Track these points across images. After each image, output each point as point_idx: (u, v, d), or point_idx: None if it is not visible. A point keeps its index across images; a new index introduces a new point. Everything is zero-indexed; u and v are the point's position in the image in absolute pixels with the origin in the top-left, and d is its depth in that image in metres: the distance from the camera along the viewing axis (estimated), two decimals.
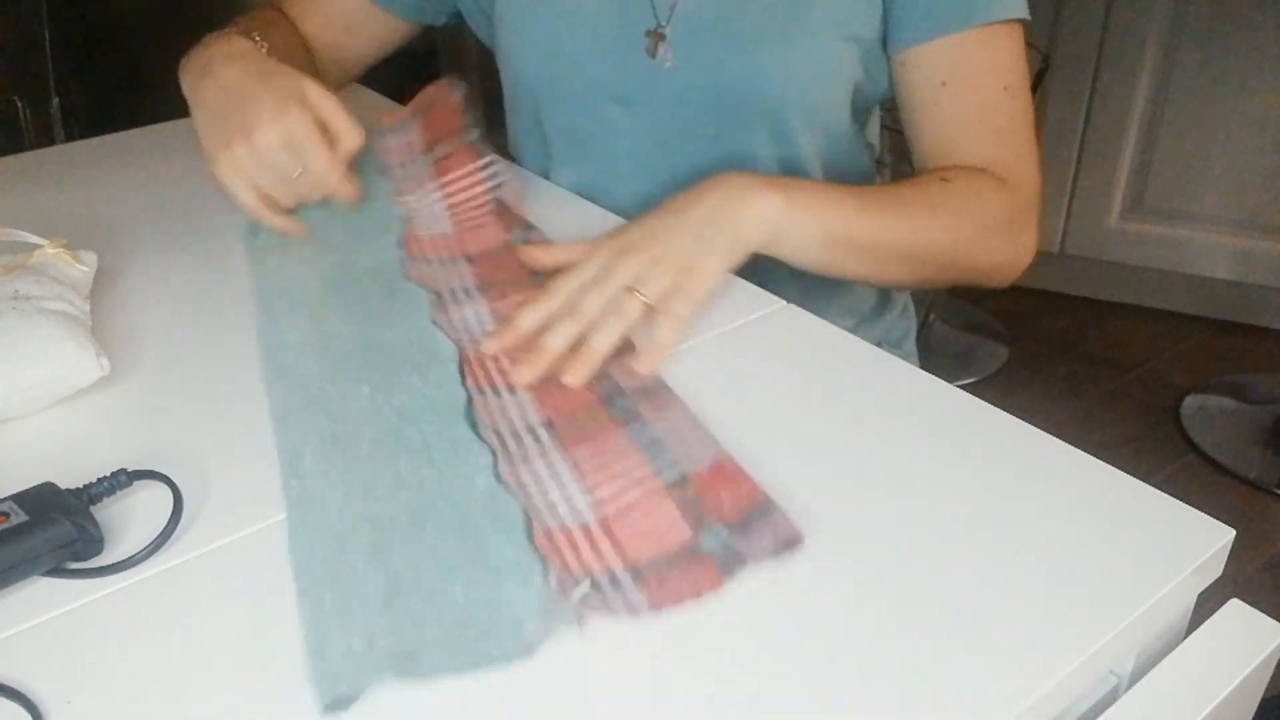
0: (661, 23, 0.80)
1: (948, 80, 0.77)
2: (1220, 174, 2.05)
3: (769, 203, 0.68)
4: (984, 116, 0.77)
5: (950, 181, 0.75)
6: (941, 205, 0.74)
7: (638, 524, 0.50)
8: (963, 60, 0.76)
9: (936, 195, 0.74)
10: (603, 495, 0.51)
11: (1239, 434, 1.89)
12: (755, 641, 0.44)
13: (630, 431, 0.56)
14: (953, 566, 0.47)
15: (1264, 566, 1.62)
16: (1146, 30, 1.99)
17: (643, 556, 0.48)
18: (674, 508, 0.50)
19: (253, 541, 0.50)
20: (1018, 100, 0.78)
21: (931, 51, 0.76)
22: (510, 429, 0.57)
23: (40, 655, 0.44)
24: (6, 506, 0.48)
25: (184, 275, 0.76)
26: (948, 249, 0.75)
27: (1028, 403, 1.99)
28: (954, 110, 0.78)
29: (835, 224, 0.70)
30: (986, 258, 0.77)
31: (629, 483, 0.52)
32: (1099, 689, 0.49)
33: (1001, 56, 0.77)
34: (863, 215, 0.71)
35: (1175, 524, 0.50)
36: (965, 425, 0.57)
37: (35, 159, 1.00)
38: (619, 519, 0.50)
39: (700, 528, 0.49)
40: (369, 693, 0.42)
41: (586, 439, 0.56)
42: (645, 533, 0.49)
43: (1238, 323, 2.19)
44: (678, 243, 0.66)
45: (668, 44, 0.80)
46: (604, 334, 0.61)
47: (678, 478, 0.52)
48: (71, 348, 0.60)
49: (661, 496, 0.51)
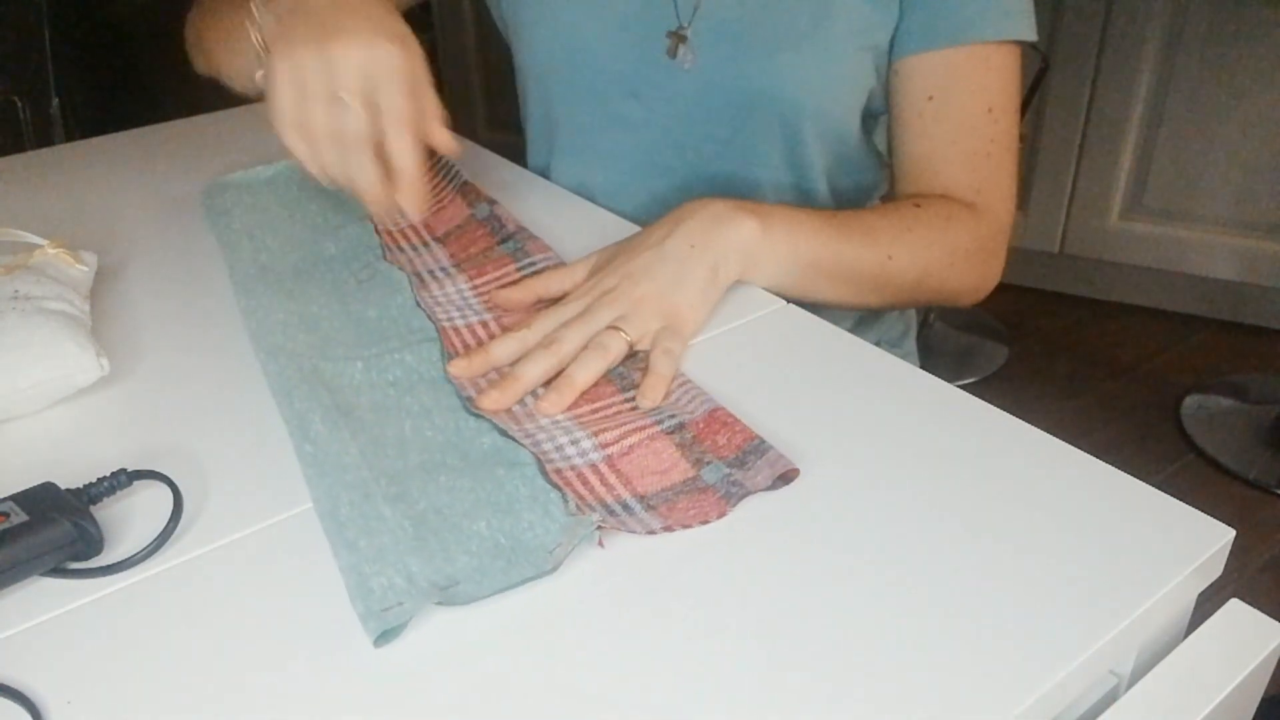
0: (683, 24, 0.80)
1: (934, 95, 0.77)
2: (1220, 174, 2.05)
3: (745, 230, 0.67)
4: (960, 137, 0.77)
5: (922, 208, 0.76)
6: (913, 232, 0.74)
7: (642, 461, 0.54)
8: (950, 77, 0.76)
9: (910, 222, 0.75)
10: (607, 439, 0.55)
11: (1239, 434, 1.89)
12: (755, 641, 0.44)
13: (625, 394, 0.59)
14: (952, 566, 0.47)
15: (1264, 566, 1.62)
16: (1146, 30, 1.99)
17: (650, 489, 0.52)
18: (674, 449, 0.54)
19: (253, 541, 0.50)
20: (999, 124, 0.77)
21: (923, 64, 0.76)
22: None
23: (40, 655, 0.44)
24: (6, 506, 0.48)
25: (184, 275, 0.76)
26: (918, 276, 0.76)
27: (1028, 403, 1.99)
28: (935, 127, 0.78)
29: (810, 251, 0.70)
30: (955, 283, 0.78)
31: (630, 429, 0.55)
32: (1099, 689, 0.49)
33: (990, 77, 0.76)
34: (837, 242, 0.71)
35: (1175, 524, 0.50)
36: (965, 425, 0.57)
37: (35, 159, 1.00)
38: (623, 458, 0.54)
39: (701, 466, 0.53)
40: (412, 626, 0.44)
41: (585, 397, 0.59)
42: (650, 469, 0.53)
43: (1238, 323, 2.19)
44: (658, 283, 0.64)
45: (689, 45, 0.80)
46: (584, 368, 0.60)
47: (675, 425, 0.56)
48: (71, 348, 0.60)
49: (663, 440, 0.55)
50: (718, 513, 0.50)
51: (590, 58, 0.83)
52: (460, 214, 0.81)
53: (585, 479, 0.53)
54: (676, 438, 0.55)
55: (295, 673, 0.43)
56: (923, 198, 0.77)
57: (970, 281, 0.79)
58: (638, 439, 0.55)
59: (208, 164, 0.96)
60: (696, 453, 0.54)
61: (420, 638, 0.45)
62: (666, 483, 0.52)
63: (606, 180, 0.88)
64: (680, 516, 0.50)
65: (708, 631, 0.44)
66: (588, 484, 0.52)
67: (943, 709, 0.41)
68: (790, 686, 0.42)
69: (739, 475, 0.52)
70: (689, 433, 0.55)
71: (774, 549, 0.49)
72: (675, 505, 0.51)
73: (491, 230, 0.77)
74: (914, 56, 0.77)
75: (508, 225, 0.77)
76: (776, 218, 0.69)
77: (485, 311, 0.68)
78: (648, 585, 0.47)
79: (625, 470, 0.53)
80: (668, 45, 0.80)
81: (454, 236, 0.78)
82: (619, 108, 0.84)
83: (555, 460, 0.54)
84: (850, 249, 0.72)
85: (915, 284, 0.76)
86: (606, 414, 0.58)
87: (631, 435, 0.55)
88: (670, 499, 0.51)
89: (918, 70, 0.77)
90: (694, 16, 0.79)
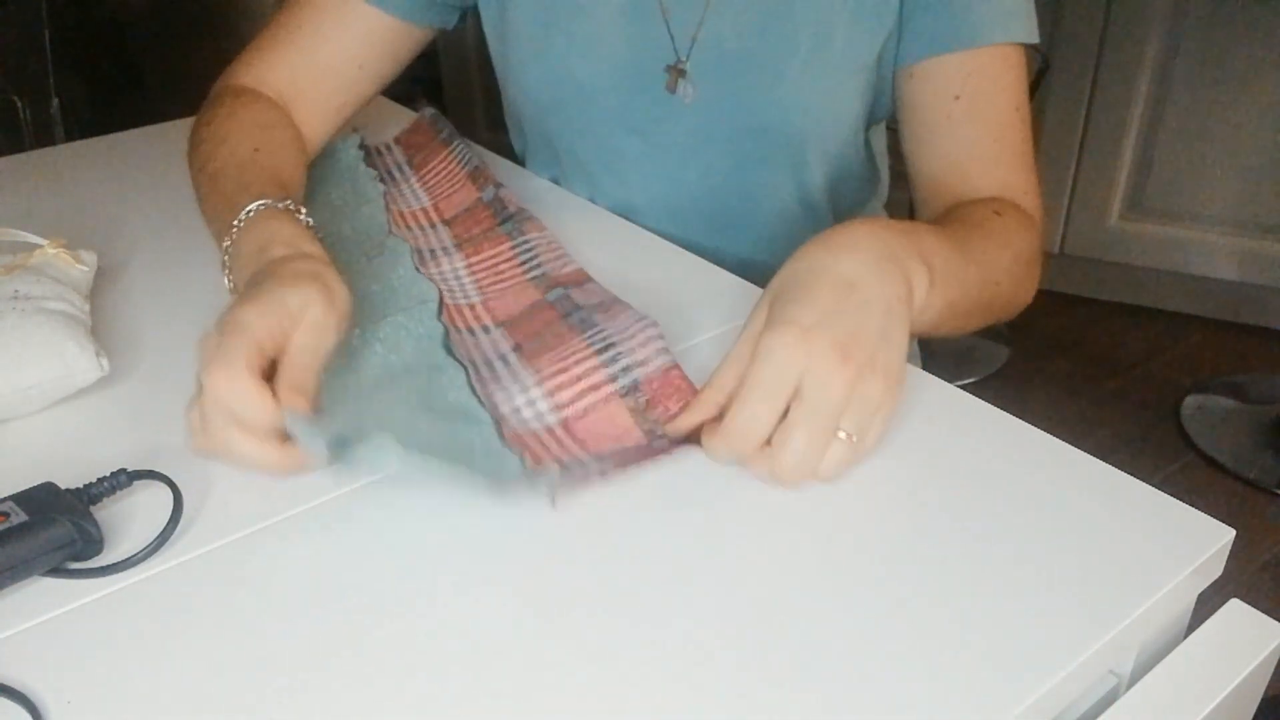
0: (682, 57, 0.78)
1: (960, 95, 0.75)
2: (1220, 174, 2.05)
3: (922, 283, 0.57)
4: (999, 135, 0.75)
5: (1003, 216, 0.70)
6: (1010, 249, 0.69)
7: (595, 426, 0.56)
8: (977, 75, 0.74)
9: (1003, 238, 0.69)
10: (563, 399, 0.57)
11: (1239, 434, 1.89)
12: (755, 641, 0.44)
13: (587, 336, 0.61)
14: (952, 566, 0.47)
15: (1264, 566, 1.62)
16: (1146, 30, 1.99)
17: (603, 449, 0.55)
18: (627, 414, 0.57)
19: (253, 541, 0.50)
20: (1026, 124, 0.76)
21: (944, 66, 0.74)
22: (484, 358, 0.63)
23: (40, 655, 0.44)
24: (6, 506, 0.48)
25: (184, 275, 0.76)
26: (1010, 297, 0.70)
27: (1028, 403, 1.99)
28: (968, 127, 0.75)
29: (954, 293, 0.61)
30: (1024, 296, 0.73)
31: (586, 386, 0.58)
32: (1099, 689, 0.49)
33: (1011, 77, 0.75)
34: (972, 274, 0.63)
35: (1175, 524, 0.50)
36: (965, 425, 0.57)
37: (35, 159, 1.00)
38: (578, 422, 0.56)
39: (653, 438, 0.55)
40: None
41: (548, 349, 0.61)
42: (603, 434, 0.56)
43: (1238, 323, 2.19)
44: (872, 337, 0.52)
45: (688, 79, 0.79)
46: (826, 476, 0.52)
47: (630, 384, 0.58)
48: (71, 348, 0.60)
49: (617, 404, 0.57)
50: (664, 452, 0.54)
51: (588, 96, 0.82)
52: (469, 198, 0.82)
53: (542, 441, 0.55)
54: (630, 401, 0.57)
55: (295, 673, 0.43)
56: (995, 202, 0.73)
57: (1030, 290, 0.74)
58: (592, 400, 0.57)
59: None
60: (649, 422, 0.56)
61: (420, 639, 0.45)
62: (618, 445, 0.55)
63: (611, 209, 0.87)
64: (633, 460, 0.53)
65: (706, 631, 0.44)
66: (544, 445, 0.55)
67: (943, 709, 0.41)
68: (790, 686, 0.42)
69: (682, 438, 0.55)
70: (643, 395, 0.57)
71: (773, 548, 0.49)
72: (627, 457, 0.54)
73: (494, 212, 0.79)
74: (935, 58, 0.75)
75: (509, 206, 0.78)
76: (937, 261, 0.59)
77: (475, 293, 0.70)
78: (646, 584, 0.47)
79: (580, 435, 0.56)
80: (666, 80, 0.79)
81: (460, 219, 0.80)
82: (619, 144, 0.83)
83: (513, 424, 0.56)
84: (974, 280, 0.64)
85: (1005, 305, 0.70)
86: (565, 361, 0.59)
87: (588, 395, 0.57)
88: (621, 456, 0.54)
89: (938, 71, 0.75)
90: (692, 49, 0.78)
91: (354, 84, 0.84)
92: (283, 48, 0.82)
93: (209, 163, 0.72)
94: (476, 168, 0.85)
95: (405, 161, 0.92)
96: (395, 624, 0.45)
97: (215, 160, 0.72)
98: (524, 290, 0.70)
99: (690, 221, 0.85)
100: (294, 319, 0.53)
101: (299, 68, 0.81)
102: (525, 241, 0.74)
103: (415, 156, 0.92)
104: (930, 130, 0.77)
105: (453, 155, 0.88)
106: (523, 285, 0.70)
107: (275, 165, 0.71)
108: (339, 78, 0.83)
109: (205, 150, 0.74)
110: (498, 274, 0.72)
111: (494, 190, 0.81)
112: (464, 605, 0.46)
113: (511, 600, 0.46)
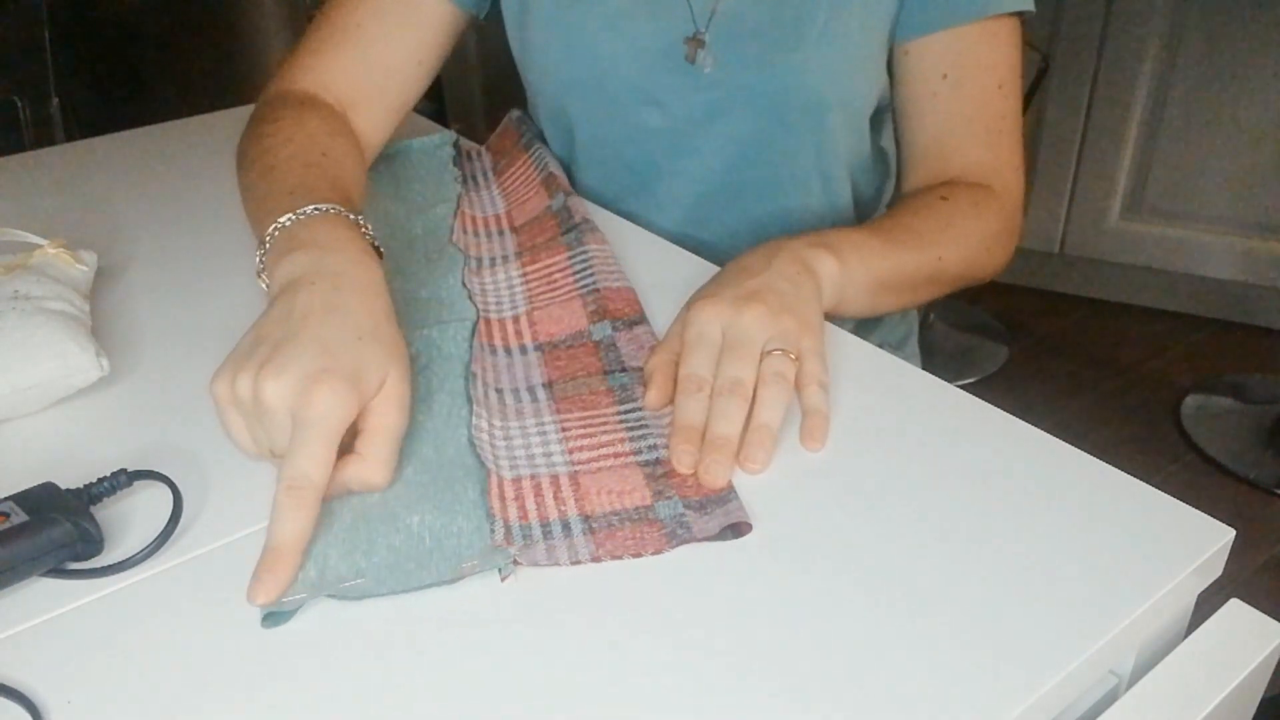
0: (700, 28, 0.79)
1: (948, 73, 0.77)
2: (1220, 174, 2.05)
3: (827, 265, 0.65)
4: (975, 114, 0.77)
5: (950, 200, 0.75)
6: (955, 227, 0.74)
7: (603, 481, 0.53)
8: (964, 52, 0.76)
9: (947, 217, 0.75)
10: (580, 458, 0.55)
11: (1239, 434, 1.89)
12: (754, 641, 0.44)
13: (623, 411, 0.59)
14: (952, 566, 0.47)
15: (1264, 566, 1.62)
16: (1146, 30, 1.99)
17: (599, 508, 0.51)
18: (640, 477, 0.53)
19: (253, 541, 0.50)
20: (1009, 100, 0.78)
21: (936, 43, 0.76)
22: (511, 385, 0.62)
23: (40, 655, 0.44)
24: (6, 506, 0.48)
25: (184, 275, 0.76)
26: (963, 269, 0.76)
27: (1028, 403, 1.99)
28: (949, 105, 0.78)
29: (879, 271, 0.69)
30: (991, 267, 0.78)
31: (607, 454, 0.55)
32: (1099, 689, 0.49)
33: (999, 53, 0.77)
34: (896, 255, 0.70)
35: (1175, 524, 0.50)
36: (965, 425, 0.57)
37: (35, 159, 1.00)
38: (586, 475, 0.54)
39: (659, 499, 0.52)
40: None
41: (579, 403, 0.60)
42: (608, 489, 0.53)
43: (1238, 323, 2.19)
44: (786, 297, 0.60)
45: (708, 50, 0.79)
46: (772, 409, 0.55)
47: (653, 460, 0.55)
48: (72, 348, 0.60)
49: (633, 469, 0.54)
50: (654, 548, 0.49)
51: (609, 71, 0.82)
52: (539, 206, 0.82)
53: (540, 490, 0.52)
54: (647, 470, 0.54)
55: (295, 673, 0.43)
56: (945, 187, 0.77)
57: (1000, 261, 0.79)
58: (609, 464, 0.54)
59: (208, 164, 0.96)
60: (660, 485, 0.53)
61: (420, 641, 0.45)
62: (619, 505, 0.51)
63: (624, 192, 0.88)
64: (615, 546, 0.49)
65: (707, 631, 0.44)
66: (540, 496, 0.52)
67: (943, 709, 0.41)
68: (790, 686, 0.42)
69: (691, 518, 0.50)
70: (662, 468, 0.54)
71: (773, 548, 0.49)
72: (616, 532, 0.49)
73: (559, 221, 0.79)
74: (925, 36, 0.76)
75: (575, 216, 0.78)
76: (845, 246, 0.67)
77: (524, 302, 0.70)
78: (646, 584, 0.47)
79: (584, 484, 0.53)
80: (686, 51, 0.80)
81: (527, 227, 0.80)
82: (640, 117, 0.84)
83: (520, 466, 0.54)
84: (909, 259, 0.71)
85: (958, 277, 0.76)
86: (593, 426, 0.57)
87: (606, 460, 0.54)
88: (614, 525, 0.50)
89: (930, 49, 0.77)
90: (711, 20, 0.79)
91: (413, 82, 0.84)
92: (341, 50, 0.80)
93: (266, 156, 0.69)
94: (550, 174, 0.85)
95: (490, 167, 0.92)
96: (395, 623, 0.45)
97: (275, 156, 0.69)
98: (571, 305, 0.68)
99: (710, 194, 0.85)
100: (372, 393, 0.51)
101: (361, 70, 0.80)
102: (583, 252, 0.73)
103: (499, 162, 0.92)
104: (917, 108, 0.79)
105: (530, 160, 0.88)
106: (571, 298, 0.69)
107: (339, 174, 0.69)
108: (401, 77, 0.83)
109: (266, 145, 0.70)
110: (551, 283, 0.72)
111: (563, 198, 0.80)
112: (464, 605, 0.46)
113: (511, 597, 0.46)
